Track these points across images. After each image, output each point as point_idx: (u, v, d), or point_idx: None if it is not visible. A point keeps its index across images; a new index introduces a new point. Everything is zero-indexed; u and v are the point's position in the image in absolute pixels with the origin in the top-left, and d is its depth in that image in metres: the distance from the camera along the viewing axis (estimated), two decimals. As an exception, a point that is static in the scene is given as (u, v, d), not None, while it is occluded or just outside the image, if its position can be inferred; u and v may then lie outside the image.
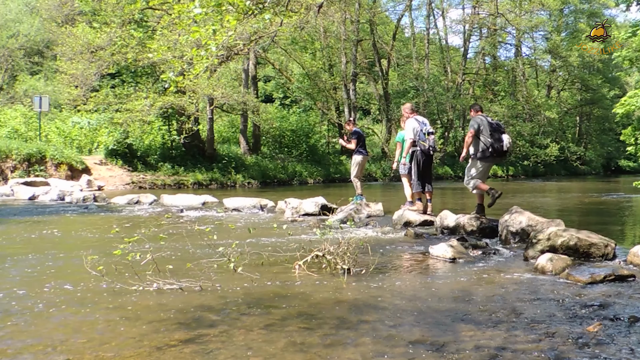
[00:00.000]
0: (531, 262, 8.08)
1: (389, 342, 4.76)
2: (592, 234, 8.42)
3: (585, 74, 68.43)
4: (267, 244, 10.04)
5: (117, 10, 30.10)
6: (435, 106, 54.88)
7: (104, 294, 6.42)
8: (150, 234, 9.58)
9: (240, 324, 5.29)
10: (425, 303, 6.01)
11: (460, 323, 5.28)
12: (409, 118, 13.36)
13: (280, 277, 7.34)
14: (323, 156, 44.49)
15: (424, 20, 60.93)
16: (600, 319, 5.33)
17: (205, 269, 7.66)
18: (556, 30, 68.50)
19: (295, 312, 5.67)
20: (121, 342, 4.82)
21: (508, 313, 5.60)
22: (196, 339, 4.85)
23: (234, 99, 33.66)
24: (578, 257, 8.02)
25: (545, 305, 5.89)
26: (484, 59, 65.97)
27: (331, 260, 7.75)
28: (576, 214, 16.94)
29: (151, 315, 5.58)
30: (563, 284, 6.83)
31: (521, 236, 9.73)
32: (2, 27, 49.10)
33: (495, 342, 4.74)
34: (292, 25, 30.18)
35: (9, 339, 4.90)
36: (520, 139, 61.22)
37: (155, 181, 30.82)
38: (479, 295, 6.36)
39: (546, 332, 4.97)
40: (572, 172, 67.82)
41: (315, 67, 48.76)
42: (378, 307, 5.87)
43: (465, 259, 8.50)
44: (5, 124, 33.66)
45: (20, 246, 10.09)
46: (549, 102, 67.78)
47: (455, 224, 11.35)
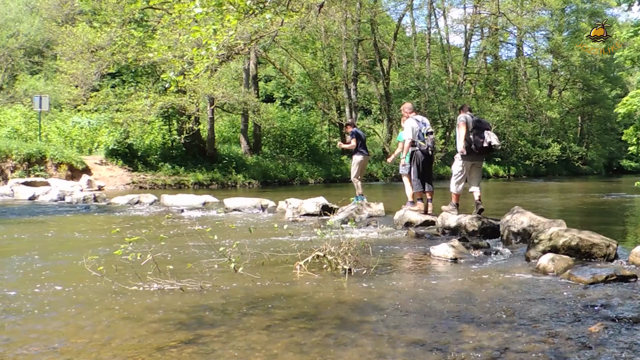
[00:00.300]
0: (533, 263, 8.07)
1: (391, 343, 4.76)
2: (594, 234, 8.41)
3: (587, 73, 68.39)
4: (268, 244, 10.05)
5: (118, 9, 30.08)
6: (436, 106, 54.88)
7: (105, 295, 6.42)
8: (151, 234, 9.58)
9: (241, 324, 5.29)
10: (426, 303, 6.02)
11: (461, 323, 5.28)
12: (408, 118, 13.36)
13: (281, 277, 7.34)
14: (324, 156, 44.45)
15: (425, 19, 60.76)
16: (602, 320, 5.32)
17: (205, 269, 7.67)
18: (558, 30, 68.48)
19: (296, 313, 5.68)
20: (122, 342, 4.82)
21: (509, 313, 5.60)
22: (197, 340, 4.85)
23: (234, 98, 33.65)
24: (580, 258, 8.01)
25: (547, 305, 5.89)
26: (486, 59, 65.96)
27: (332, 260, 7.74)
28: (578, 214, 16.94)
29: (152, 316, 5.58)
30: (565, 285, 6.83)
31: (523, 236, 9.73)
32: (2, 27, 49.11)
33: (496, 342, 4.74)
34: (293, 24, 30.16)
35: (7, 340, 4.90)
36: (521, 139, 61.25)
37: (155, 181, 30.80)
38: (480, 295, 6.36)
39: (548, 333, 4.97)
40: (574, 172, 67.77)
41: (316, 67, 48.76)
42: (379, 308, 5.88)
43: (467, 260, 8.50)
44: (5, 123, 33.64)
45: (20, 246, 10.10)
46: (550, 101, 67.90)
47: (456, 224, 11.36)
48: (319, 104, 49.82)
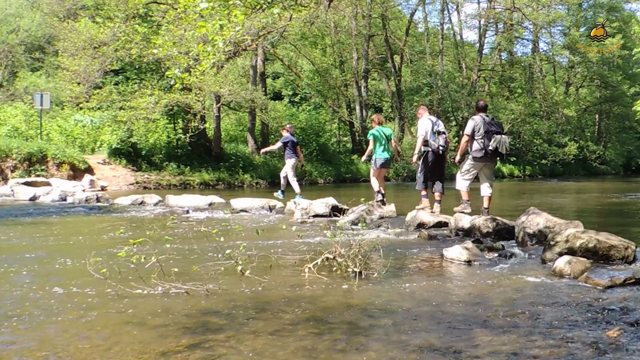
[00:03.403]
0: (549, 265, 8.06)
1: (402, 348, 4.76)
2: (612, 236, 8.39)
3: (605, 70, 68.19)
4: (276, 246, 10.06)
5: (121, 4, 30.17)
6: (449, 104, 54.91)
7: (108, 298, 6.44)
8: (155, 236, 9.60)
9: (248, 328, 5.29)
10: (439, 307, 6.01)
11: (475, 328, 5.28)
12: (422, 117, 13.47)
13: (289, 280, 7.35)
14: (334, 155, 44.34)
15: (438, 14, 60.87)
16: (621, 324, 5.31)
17: (211, 272, 7.67)
18: (575, 25, 68.31)
19: (305, 317, 5.68)
20: (125, 347, 4.83)
21: (525, 318, 5.59)
22: (203, 344, 4.86)
23: (241, 96, 33.67)
24: (597, 260, 7.99)
25: (564, 309, 5.88)
26: (500, 55, 65.93)
27: (342, 262, 7.75)
28: (595, 215, 16.91)
29: (156, 320, 5.59)
30: (582, 288, 6.81)
31: (538, 238, 9.72)
32: (2, 22, 49.21)
33: (511, 347, 4.74)
34: (302, 20, 30.16)
35: (9, 344, 4.92)
36: (537, 138, 61.20)
37: (160, 181, 30.87)
38: (494, 299, 6.36)
39: (564, 337, 4.96)
40: (591, 171, 67.59)
41: (326, 64, 48.82)
42: (390, 312, 5.88)
43: (481, 262, 8.49)
44: (5, 122, 33.68)
45: (20, 248, 10.12)
46: (567, 99, 67.65)
47: (470, 226, 11.33)
48: (328, 102, 49.83)
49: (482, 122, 11.82)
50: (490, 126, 11.82)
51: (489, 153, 11.80)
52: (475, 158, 12.02)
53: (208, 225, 13.01)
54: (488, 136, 11.71)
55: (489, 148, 11.70)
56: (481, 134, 11.76)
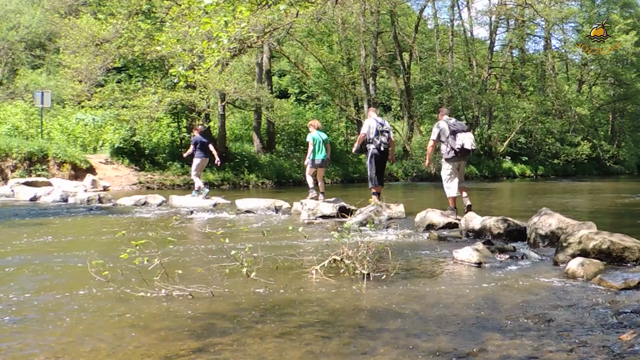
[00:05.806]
0: (561, 267, 8.05)
1: (411, 352, 4.76)
2: (626, 237, 8.37)
3: (619, 67, 67.80)
4: (282, 247, 10.05)
5: (124, 0, 30.20)
6: (459, 102, 54.81)
7: (110, 300, 6.44)
8: (159, 237, 9.60)
9: (254, 332, 5.29)
10: (449, 310, 6.01)
11: (486, 331, 5.27)
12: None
13: (296, 282, 7.35)
14: (341, 155, 44.14)
15: (448, 11, 60.92)
16: (635, 327, 5.29)
17: (216, 274, 7.68)
18: (588, 22, 68.02)
19: (312, 320, 5.68)
20: (128, 351, 4.83)
21: (537, 321, 5.58)
22: (207, 348, 4.86)
23: (247, 94, 33.68)
24: (611, 262, 7.98)
25: (577, 312, 5.87)
26: (512, 52, 65.84)
27: (350, 264, 7.74)
28: (609, 216, 16.88)
29: (159, 323, 5.59)
30: (595, 290, 6.80)
31: (551, 239, 9.71)
32: (2, 19, 49.34)
33: (523, 351, 4.73)
34: (309, 16, 30.22)
35: (8, 348, 4.92)
36: (549, 137, 61.04)
37: (163, 181, 30.89)
38: (506, 301, 6.35)
39: (578, 341, 4.95)
40: (605, 171, 67.29)
41: (333, 61, 48.69)
42: (399, 315, 5.87)
43: (492, 264, 8.47)
44: (5, 120, 33.81)
45: (20, 250, 10.13)
46: (580, 97, 67.30)
47: (481, 227, 11.32)
48: (335, 100, 49.72)
49: (446, 125, 13.35)
50: (455, 127, 13.33)
51: (458, 152, 13.27)
52: (448, 160, 13.56)
53: (213, 226, 13.04)
54: (454, 137, 13.19)
55: (456, 147, 13.11)
56: (447, 137, 13.38)
